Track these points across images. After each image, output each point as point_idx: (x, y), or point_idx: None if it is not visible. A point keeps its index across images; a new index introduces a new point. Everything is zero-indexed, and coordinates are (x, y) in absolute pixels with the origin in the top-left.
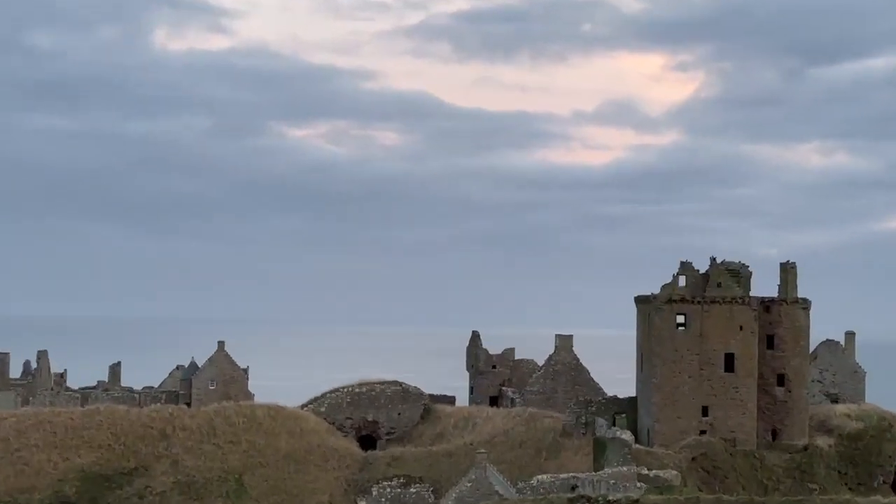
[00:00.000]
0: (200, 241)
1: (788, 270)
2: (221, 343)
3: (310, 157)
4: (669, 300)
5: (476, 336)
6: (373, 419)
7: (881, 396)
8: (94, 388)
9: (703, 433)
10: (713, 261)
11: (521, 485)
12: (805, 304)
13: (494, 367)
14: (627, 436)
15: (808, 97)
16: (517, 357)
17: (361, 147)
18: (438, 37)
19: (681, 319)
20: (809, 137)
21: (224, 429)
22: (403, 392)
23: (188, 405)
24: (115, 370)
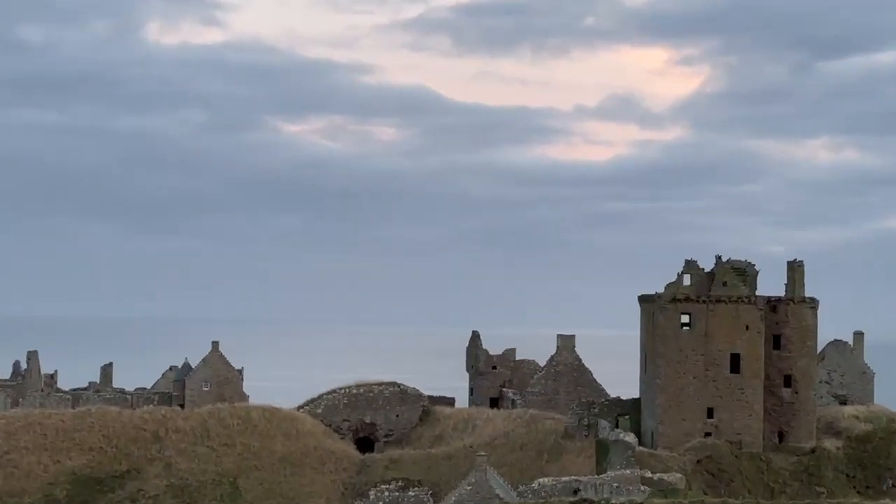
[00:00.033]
0: (195, 239)
1: (795, 269)
2: (215, 343)
3: (306, 153)
4: (674, 299)
5: (476, 336)
6: (370, 421)
7: (890, 398)
8: (86, 390)
9: (709, 435)
10: (718, 259)
11: (522, 488)
12: (812, 304)
13: (495, 368)
14: (631, 438)
15: (816, 92)
16: (518, 357)
17: (358, 143)
18: (437, 30)
19: (685, 319)
20: (817, 133)
21: (218, 431)
22: (402, 393)
23: (181, 407)
24: (107, 371)
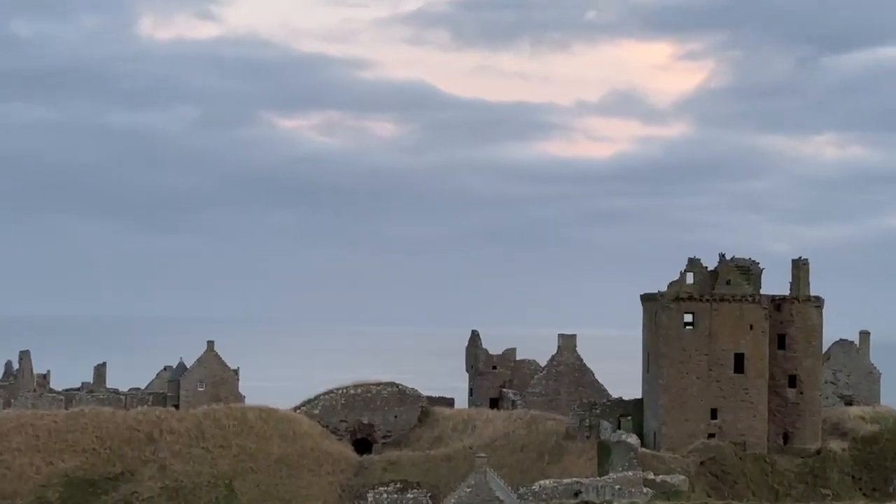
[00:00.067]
0: (189, 236)
1: (801, 267)
2: (211, 343)
3: (302, 149)
4: (677, 298)
5: (475, 335)
6: (368, 422)
7: None
8: (79, 390)
9: (712, 436)
10: (722, 257)
11: (523, 490)
12: (818, 303)
13: (495, 368)
14: (633, 439)
15: (822, 87)
16: (518, 357)
17: (356, 139)
18: (436, 24)
19: (689, 318)
20: (823, 129)
21: (213, 432)
22: (400, 393)
23: (176, 407)
24: (101, 371)
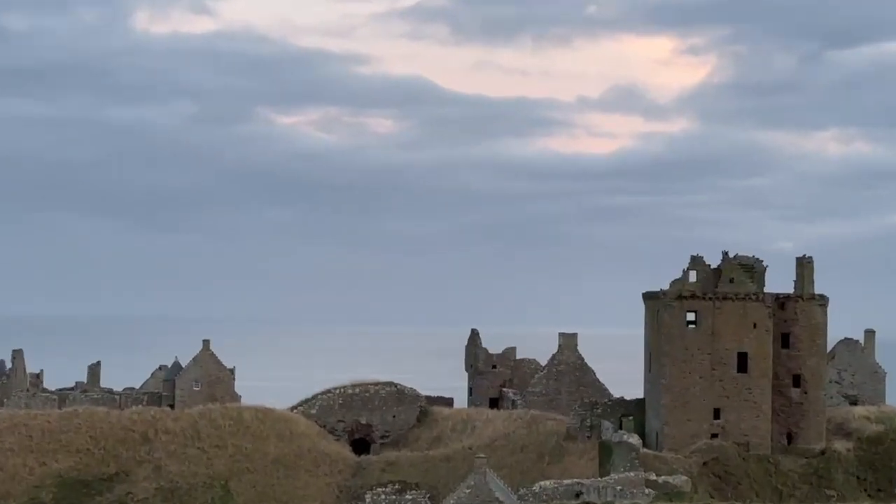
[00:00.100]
0: (185, 234)
1: (805, 265)
2: (206, 342)
3: (299, 146)
4: (679, 296)
5: (475, 334)
6: (366, 422)
7: None
8: (73, 390)
9: (715, 437)
10: (725, 255)
11: (523, 491)
12: (822, 301)
13: (494, 367)
14: (635, 439)
15: (826, 82)
16: (518, 356)
17: (354, 135)
18: (435, 19)
19: (691, 317)
20: (827, 125)
21: (209, 432)
22: (399, 393)
23: (171, 407)
24: (95, 370)
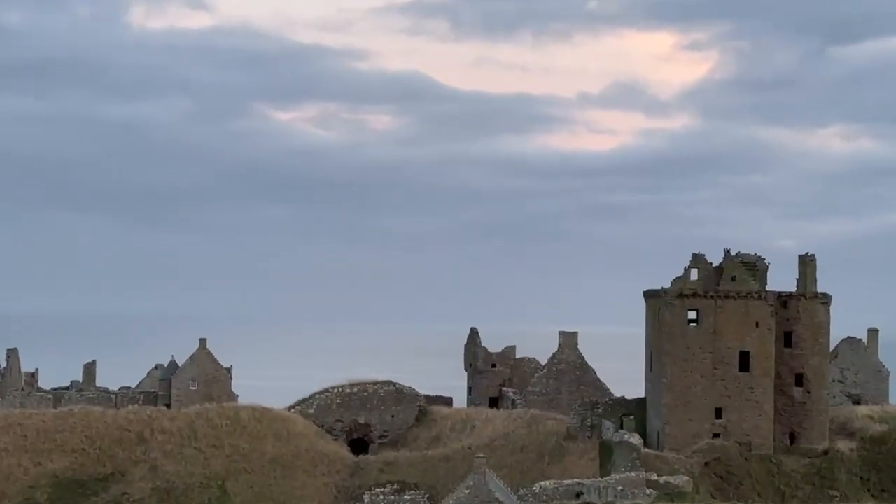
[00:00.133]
0: (181, 232)
1: (807, 263)
2: (203, 340)
3: (297, 142)
4: (681, 295)
5: (474, 333)
6: (364, 421)
7: None
8: (68, 389)
9: (717, 436)
10: (727, 253)
11: (523, 491)
12: (825, 299)
13: (494, 367)
14: (636, 439)
15: (829, 78)
16: (518, 355)
17: (352, 131)
18: (435, 14)
19: (693, 315)
20: (830, 121)
21: (206, 432)
22: (397, 393)
23: (167, 407)
24: (90, 369)
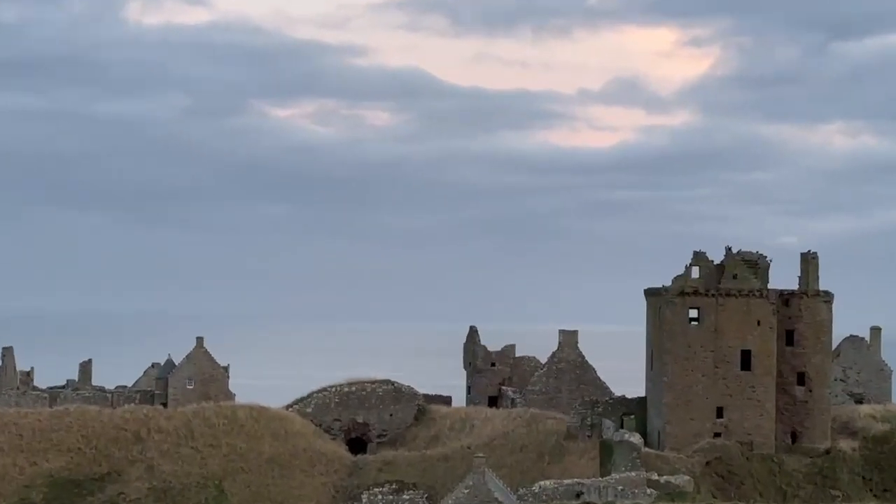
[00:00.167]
0: (178, 229)
1: (809, 261)
2: (200, 339)
3: (295, 139)
4: (682, 293)
5: (473, 331)
6: (363, 421)
7: None
8: (64, 388)
9: (718, 436)
10: (728, 250)
11: (523, 491)
12: (827, 298)
13: (493, 365)
14: (636, 438)
15: (832, 75)
16: (518, 354)
17: (350, 128)
18: (433, 9)
19: (694, 314)
20: (833, 118)
21: (203, 431)
22: (396, 391)
23: (164, 406)
24: (86, 368)
